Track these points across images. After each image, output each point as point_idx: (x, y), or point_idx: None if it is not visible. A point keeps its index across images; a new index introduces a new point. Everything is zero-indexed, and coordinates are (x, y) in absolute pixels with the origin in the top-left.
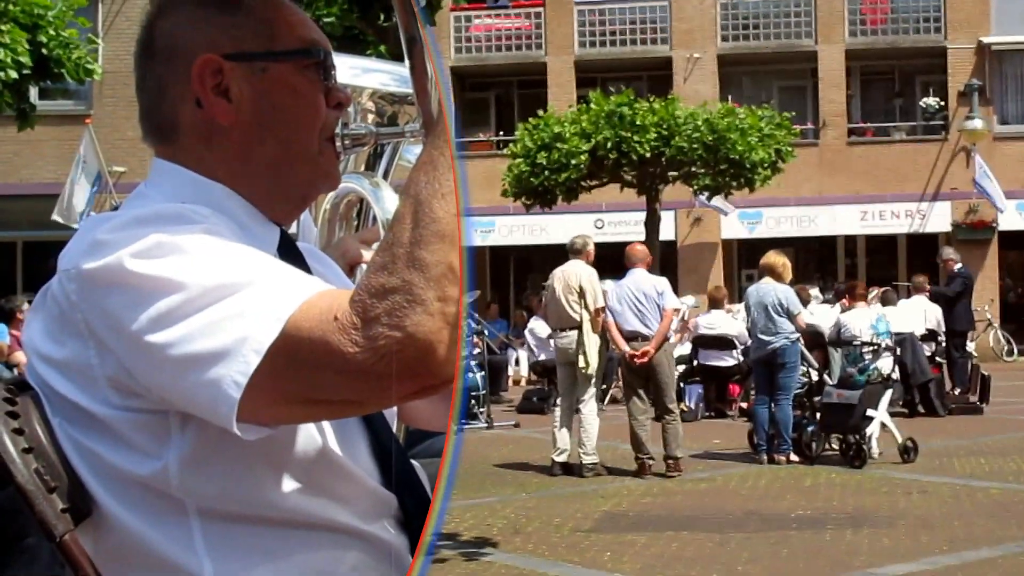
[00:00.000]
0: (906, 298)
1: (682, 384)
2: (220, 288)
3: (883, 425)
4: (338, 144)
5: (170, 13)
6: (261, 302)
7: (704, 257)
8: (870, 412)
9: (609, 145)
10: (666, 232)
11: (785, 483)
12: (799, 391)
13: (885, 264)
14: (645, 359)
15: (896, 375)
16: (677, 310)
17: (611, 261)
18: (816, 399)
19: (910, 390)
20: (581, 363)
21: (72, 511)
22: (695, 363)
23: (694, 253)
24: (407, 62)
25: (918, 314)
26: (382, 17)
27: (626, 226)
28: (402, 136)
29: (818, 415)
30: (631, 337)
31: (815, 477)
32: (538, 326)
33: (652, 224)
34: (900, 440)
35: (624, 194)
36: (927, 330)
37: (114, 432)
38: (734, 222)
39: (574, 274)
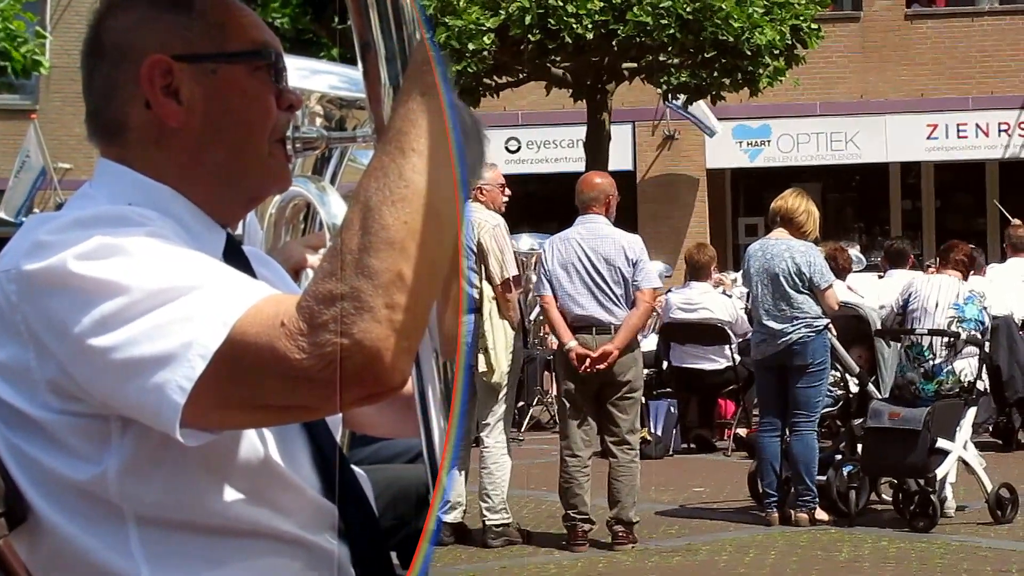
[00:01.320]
0: (998, 262)
1: (644, 399)
2: (165, 292)
3: (964, 464)
4: (289, 147)
5: (119, 12)
6: (207, 306)
7: (679, 198)
8: (942, 443)
9: (529, 20)
10: (619, 158)
11: (808, 555)
12: (829, 410)
13: (966, 208)
14: (604, 364)
15: (984, 384)
16: (656, 291)
17: (533, 204)
18: (856, 423)
19: (1006, 408)
20: (482, 367)
21: (7, 516)
22: (665, 366)
23: (663, 191)
24: (360, 67)
25: (1017, 287)
26: (336, 20)
27: (556, 148)
28: (353, 141)
29: (859, 448)
30: (581, 326)
31: (856, 546)
32: None
33: (597, 145)
34: (990, 488)
35: (553, 98)
36: None
37: (52, 436)
38: (727, 143)
39: (471, 225)
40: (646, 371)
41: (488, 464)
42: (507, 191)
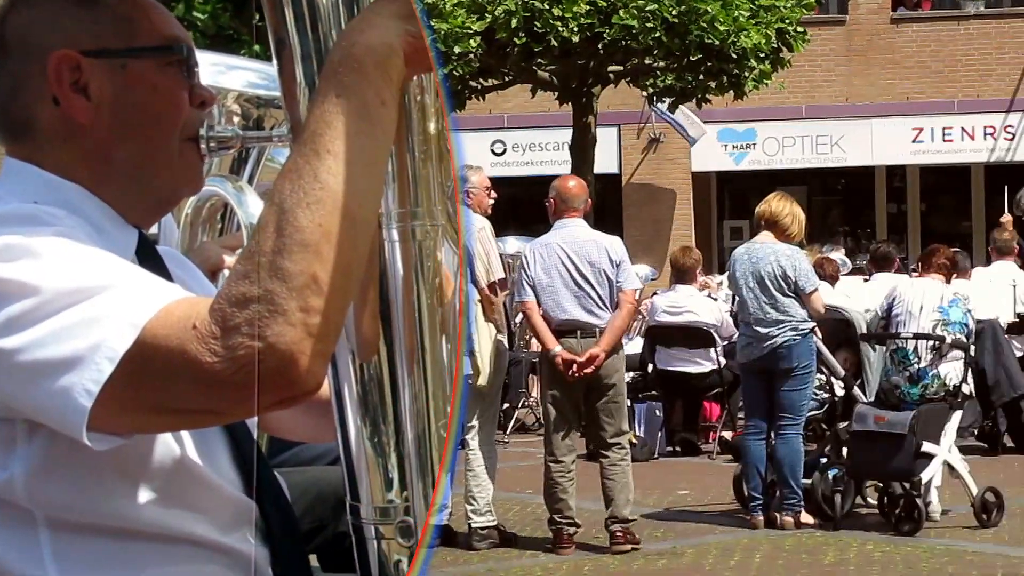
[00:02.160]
0: (984, 265)
1: (630, 402)
2: (73, 293)
3: (949, 467)
4: (203, 146)
5: (23, 7)
6: (116, 308)
7: (664, 201)
8: (927, 447)
9: (515, 23)
10: (604, 161)
11: (793, 558)
12: (814, 414)
13: (951, 211)
14: (591, 368)
15: (970, 388)
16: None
17: (518, 207)
18: (842, 426)
19: (991, 412)
20: (467, 370)
21: None
22: (651, 369)
23: (648, 195)
24: (275, 65)
25: (1003, 290)
26: (257, 17)
27: (541, 151)
28: (269, 140)
29: (845, 452)
30: (565, 331)
31: (841, 549)
32: None
33: (582, 148)
34: (975, 492)
35: (538, 100)
36: (1018, 316)
37: None
38: (712, 146)
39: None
40: (631, 374)
41: (474, 467)
42: (493, 194)
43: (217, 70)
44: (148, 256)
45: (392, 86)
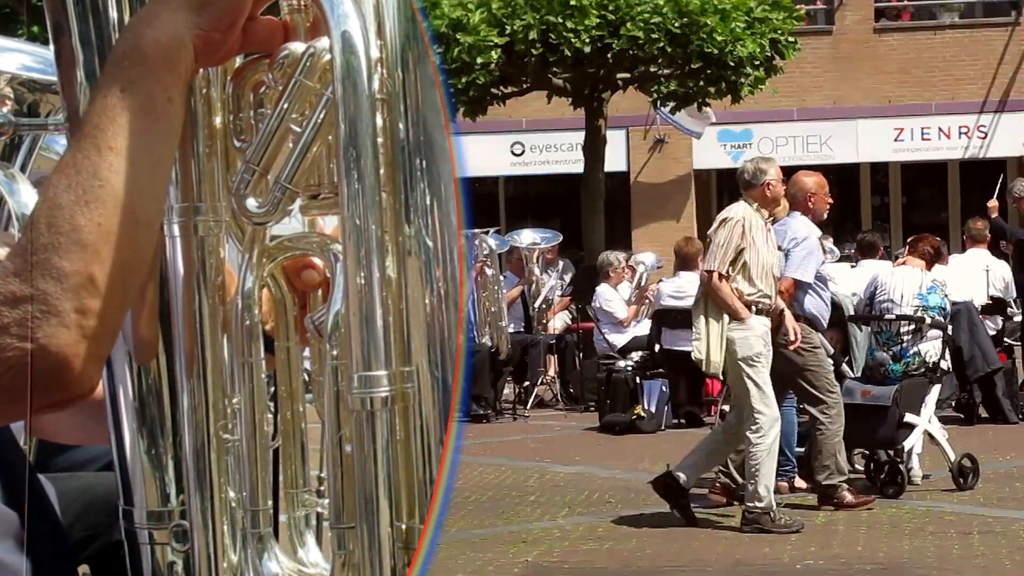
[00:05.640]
0: (959, 252)
1: (638, 379)
2: None
3: (929, 436)
4: None
5: None
6: None
7: (669, 196)
8: (909, 418)
9: (532, 36)
10: (614, 161)
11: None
12: None
13: (930, 203)
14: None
15: (947, 364)
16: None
17: (535, 202)
18: None
19: (967, 385)
20: (698, 354)
21: None
22: (658, 348)
23: (655, 190)
24: (53, 50)
25: (977, 275)
26: None
27: (557, 152)
28: (45, 128)
29: None
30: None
31: (831, 512)
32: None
33: (594, 149)
34: (953, 458)
35: (554, 106)
36: (990, 298)
37: None
38: (711, 146)
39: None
40: (640, 353)
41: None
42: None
43: None
44: None
45: (180, 82)
